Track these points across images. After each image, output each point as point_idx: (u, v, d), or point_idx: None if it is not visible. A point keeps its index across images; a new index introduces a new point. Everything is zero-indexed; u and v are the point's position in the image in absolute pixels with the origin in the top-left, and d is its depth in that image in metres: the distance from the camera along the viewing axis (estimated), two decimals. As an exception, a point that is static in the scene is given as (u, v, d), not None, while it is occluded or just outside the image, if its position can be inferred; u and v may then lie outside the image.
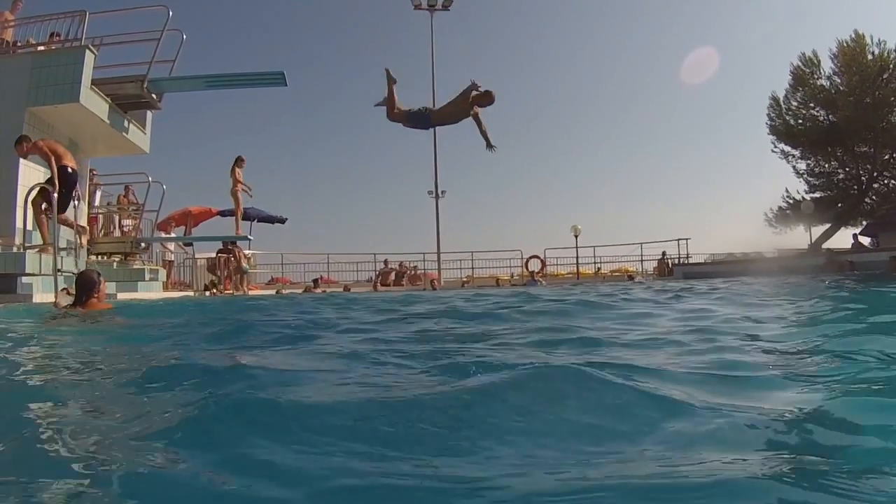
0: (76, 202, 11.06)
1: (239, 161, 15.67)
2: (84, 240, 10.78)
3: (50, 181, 9.71)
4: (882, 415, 1.85)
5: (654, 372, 2.65)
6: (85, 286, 6.31)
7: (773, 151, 32.28)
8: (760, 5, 65.05)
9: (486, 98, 9.59)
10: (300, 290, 19.85)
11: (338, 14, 70.02)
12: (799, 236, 31.70)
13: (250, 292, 17.61)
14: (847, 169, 30.67)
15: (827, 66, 29.77)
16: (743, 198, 61.48)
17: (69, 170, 9.95)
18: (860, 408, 1.94)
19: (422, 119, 10.09)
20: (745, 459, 1.43)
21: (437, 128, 12.08)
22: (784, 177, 37.53)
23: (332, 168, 68.01)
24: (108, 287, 11.08)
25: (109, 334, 5.18)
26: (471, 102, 9.50)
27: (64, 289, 7.45)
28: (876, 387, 2.23)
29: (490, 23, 67.81)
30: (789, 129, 31.05)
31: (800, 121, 30.93)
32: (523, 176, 64.89)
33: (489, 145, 9.62)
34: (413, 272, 26.89)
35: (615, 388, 2.28)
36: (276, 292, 18.59)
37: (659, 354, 3.28)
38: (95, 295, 6.28)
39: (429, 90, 31.19)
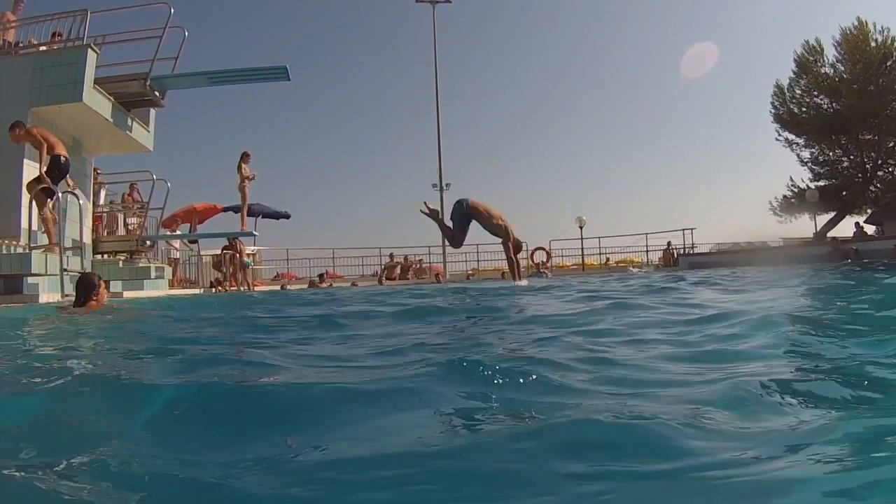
0: (80, 201, 11.12)
1: (245, 156, 15.66)
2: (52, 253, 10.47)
3: (45, 173, 9.75)
4: (881, 402, 1.86)
5: (650, 366, 2.67)
6: (84, 288, 6.36)
7: (777, 140, 32.23)
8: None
9: (516, 245, 11.16)
10: (305, 286, 19.90)
11: (340, 8, 69.93)
12: (804, 225, 31.69)
13: (255, 288, 17.66)
14: (851, 157, 30.55)
15: (830, 53, 29.70)
16: (748, 187, 61.35)
17: (62, 159, 9.99)
18: (861, 397, 1.96)
19: (461, 213, 11.25)
20: (740, 457, 1.45)
21: (440, 120, 13.10)
22: (788, 165, 37.40)
23: (336, 162, 68.08)
24: (114, 286, 11.17)
25: (109, 332, 5.22)
26: (505, 236, 11.01)
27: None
28: (876, 376, 2.23)
29: (492, 13, 67.61)
30: (793, 118, 30.94)
31: (804, 109, 30.81)
32: (528, 168, 64.82)
33: (515, 278, 11.14)
34: (418, 265, 26.92)
35: (608, 381, 2.31)
36: (281, 288, 18.64)
37: (658, 345, 3.29)
38: (94, 298, 6.31)
39: (432, 82, 31.27)
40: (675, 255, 26.82)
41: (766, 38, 67.07)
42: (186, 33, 13.02)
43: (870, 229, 27.96)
